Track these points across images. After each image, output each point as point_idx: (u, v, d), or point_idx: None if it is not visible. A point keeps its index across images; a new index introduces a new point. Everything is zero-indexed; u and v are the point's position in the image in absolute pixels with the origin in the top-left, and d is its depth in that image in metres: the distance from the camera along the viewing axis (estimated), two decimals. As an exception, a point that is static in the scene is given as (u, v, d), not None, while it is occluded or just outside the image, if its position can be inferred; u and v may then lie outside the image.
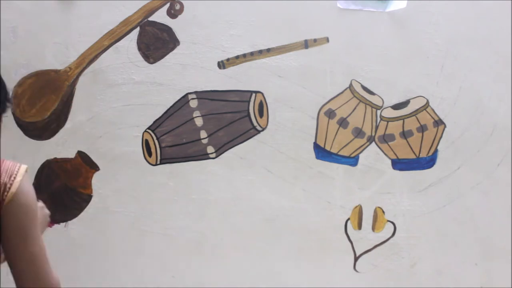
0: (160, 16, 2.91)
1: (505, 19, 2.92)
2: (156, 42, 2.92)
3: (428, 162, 2.94)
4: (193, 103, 2.92)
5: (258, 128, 2.93)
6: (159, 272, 2.97)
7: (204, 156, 2.94)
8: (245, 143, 2.93)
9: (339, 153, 2.93)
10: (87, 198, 2.96)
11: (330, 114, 2.93)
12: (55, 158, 2.95)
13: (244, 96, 2.92)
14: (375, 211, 2.94)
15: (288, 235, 2.93)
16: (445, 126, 2.94)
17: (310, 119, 2.93)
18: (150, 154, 2.94)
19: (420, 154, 2.94)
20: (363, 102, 2.92)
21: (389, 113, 2.93)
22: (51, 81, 2.92)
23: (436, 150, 2.94)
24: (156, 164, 2.94)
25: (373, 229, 2.95)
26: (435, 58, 2.93)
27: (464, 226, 2.94)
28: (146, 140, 2.93)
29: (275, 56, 2.92)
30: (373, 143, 2.94)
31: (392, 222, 2.95)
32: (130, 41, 2.92)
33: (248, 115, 2.92)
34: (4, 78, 2.89)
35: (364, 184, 2.94)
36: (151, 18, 2.91)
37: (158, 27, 2.91)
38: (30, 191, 1.65)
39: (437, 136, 2.94)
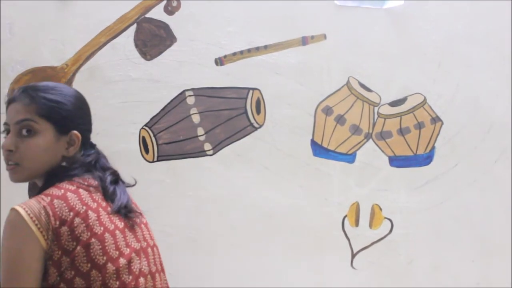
0: (157, 13, 2.91)
1: (503, 16, 2.92)
2: (153, 39, 2.91)
3: (425, 159, 2.94)
4: (190, 100, 2.92)
5: (255, 125, 2.93)
6: (156, 269, 2.97)
7: (201, 153, 2.93)
8: (242, 140, 2.93)
9: (337, 150, 2.93)
10: (84, 195, 2.96)
11: (328, 111, 2.93)
12: (52, 155, 2.95)
13: (241, 93, 2.92)
14: (372, 208, 2.95)
15: (285, 232, 2.93)
16: (442, 123, 2.94)
17: (307, 116, 2.93)
18: (147, 151, 2.93)
19: (418, 151, 2.94)
20: (360, 99, 2.92)
21: (386, 110, 2.93)
22: (47, 78, 2.91)
23: (433, 147, 2.94)
24: (153, 161, 2.93)
25: (370, 226, 2.95)
26: (433, 55, 2.93)
27: (461, 223, 2.95)
28: (143, 137, 2.93)
29: (273, 53, 2.91)
30: (371, 140, 2.94)
31: (389, 219, 2.95)
32: (127, 38, 2.91)
33: (245, 112, 2.92)
34: (1, 74, 2.91)
35: (362, 181, 2.94)
36: (148, 15, 2.91)
37: (155, 24, 2.91)
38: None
39: (434, 133, 2.94)
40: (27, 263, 1.59)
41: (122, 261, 1.66)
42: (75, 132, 1.76)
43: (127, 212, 1.76)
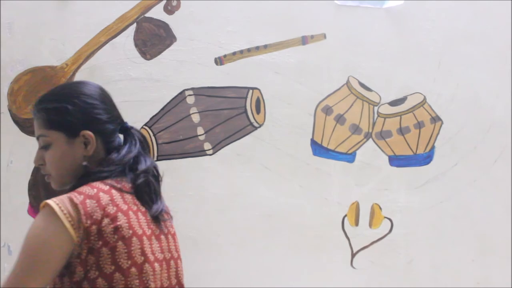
0: (157, 12, 2.91)
1: (503, 15, 2.92)
2: (153, 39, 2.91)
3: (425, 158, 2.94)
4: (190, 100, 2.92)
5: (255, 124, 2.93)
6: (156, 268, 2.97)
7: (201, 152, 2.93)
8: (242, 139, 2.93)
9: (336, 150, 2.93)
10: (84, 195, 2.96)
11: (327, 110, 2.92)
12: (52, 155, 2.95)
13: (241, 93, 2.92)
14: (372, 208, 2.94)
15: (285, 231, 2.93)
16: (442, 123, 2.94)
17: (307, 116, 2.92)
18: (147, 151, 2.93)
19: (417, 151, 2.94)
20: (360, 98, 2.92)
21: (386, 109, 2.93)
22: (47, 77, 2.91)
23: (433, 147, 2.94)
24: (153, 161, 2.93)
25: (370, 225, 2.95)
26: (433, 54, 2.93)
27: (461, 223, 2.95)
28: (143, 137, 2.93)
29: (272, 53, 2.91)
30: (370, 139, 2.94)
31: (389, 219, 2.95)
32: (127, 37, 2.91)
33: (245, 111, 2.92)
34: (1, 74, 2.91)
35: (361, 181, 2.94)
36: (147, 14, 2.91)
37: (155, 23, 2.91)
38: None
39: (434, 133, 2.94)
40: (49, 256, 1.59)
41: (147, 267, 1.66)
42: (85, 132, 1.75)
43: (160, 219, 1.76)
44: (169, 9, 2.91)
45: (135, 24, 2.91)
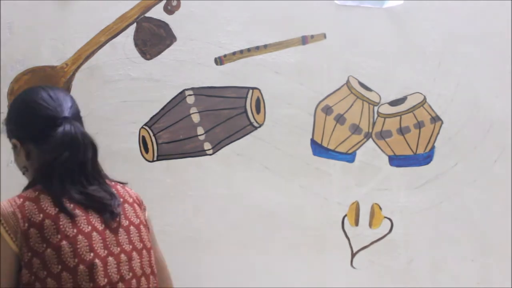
0: (157, 12, 2.91)
1: (503, 15, 2.92)
2: (153, 38, 2.91)
3: (425, 158, 2.94)
4: (190, 100, 2.92)
5: (255, 124, 2.93)
6: (156, 268, 2.97)
7: (201, 152, 2.93)
8: (242, 139, 2.93)
9: (336, 150, 2.93)
10: (84, 195, 2.96)
11: (327, 110, 2.92)
12: (52, 155, 2.94)
13: (241, 93, 2.92)
14: (372, 208, 2.94)
15: (285, 231, 2.93)
16: (442, 123, 2.94)
17: (307, 116, 2.92)
18: (147, 151, 2.93)
19: (417, 151, 2.94)
20: (360, 98, 2.92)
21: (386, 109, 2.93)
22: (47, 77, 2.91)
23: (433, 147, 2.94)
24: (153, 161, 2.93)
25: (370, 225, 2.95)
26: (432, 54, 2.93)
27: (461, 223, 2.95)
28: (143, 137, 2.93)
29: (272, 52, 2.91)
30: (370, 139, 2.94)
31: (389, 219, 2.95)
32: (127, 37, 2.91)
33: (245, 111, 2.92)
34: (1, 74, 2.91)
35: (361, 181, 2.94)
36: (147, 14, 2.91)
37: (155, 23, 2.91)
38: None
39: (434, 133, 2.94)
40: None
41: (98, 262, 1.67)
42: (13, 140, 1.81)
43: (115, 213, 1.76)
44: (169, 9, 2.91)
45: (135, 24, 2.91)
